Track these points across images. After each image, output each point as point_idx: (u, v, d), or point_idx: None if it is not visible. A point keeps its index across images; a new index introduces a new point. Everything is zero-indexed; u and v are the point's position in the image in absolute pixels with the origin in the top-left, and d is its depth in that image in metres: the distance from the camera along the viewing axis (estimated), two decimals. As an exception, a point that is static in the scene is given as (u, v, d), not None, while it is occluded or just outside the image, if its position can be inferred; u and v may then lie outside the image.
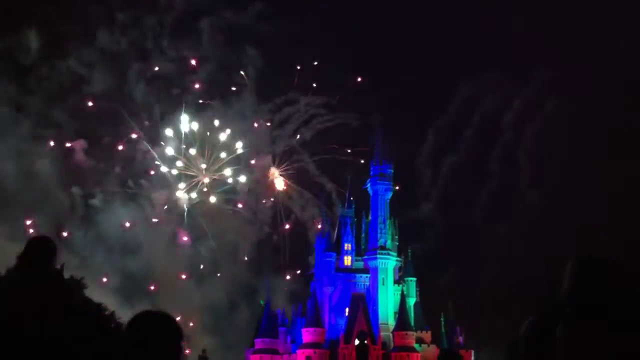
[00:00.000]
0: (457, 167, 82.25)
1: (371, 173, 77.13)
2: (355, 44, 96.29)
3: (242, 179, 79.65)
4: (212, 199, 79.17)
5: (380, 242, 74.32)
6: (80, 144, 75.34)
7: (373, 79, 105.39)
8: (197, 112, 78.82)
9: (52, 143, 74.86)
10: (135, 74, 77.84)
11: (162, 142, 77.89)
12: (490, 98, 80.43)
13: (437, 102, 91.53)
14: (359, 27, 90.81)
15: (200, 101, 79.48)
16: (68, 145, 75.25)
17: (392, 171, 76.99)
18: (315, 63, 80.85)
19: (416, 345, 70.59)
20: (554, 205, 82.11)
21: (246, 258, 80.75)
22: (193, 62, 79.33)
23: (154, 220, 77.45)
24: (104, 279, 69.39)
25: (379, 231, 74.69)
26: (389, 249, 74.70)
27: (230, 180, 79.05)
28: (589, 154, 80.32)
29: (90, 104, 76.11)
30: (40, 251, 5.30)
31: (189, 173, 78.44)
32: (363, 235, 78.08)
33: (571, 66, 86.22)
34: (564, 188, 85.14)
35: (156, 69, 78.66)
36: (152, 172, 78.48)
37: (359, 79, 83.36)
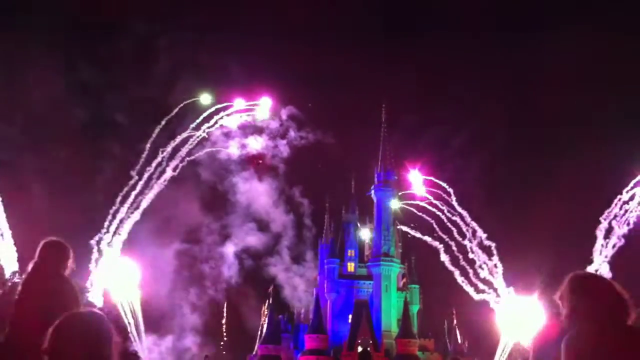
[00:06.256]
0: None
1: (375, 180, 77.21)
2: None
3: None
4: None
5: (384, 249, 74.30)
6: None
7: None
8: None
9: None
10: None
11: None
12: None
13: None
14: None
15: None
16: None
17: (396, 178, 77.05)
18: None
19: (419, 353, 70.32)
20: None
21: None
22: None
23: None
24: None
25: (382, 238, 74.69)
26: (392, 256, 74.66)
27: None
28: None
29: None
30: (52, 254, 5.29)
31: None
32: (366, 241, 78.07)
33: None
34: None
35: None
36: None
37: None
